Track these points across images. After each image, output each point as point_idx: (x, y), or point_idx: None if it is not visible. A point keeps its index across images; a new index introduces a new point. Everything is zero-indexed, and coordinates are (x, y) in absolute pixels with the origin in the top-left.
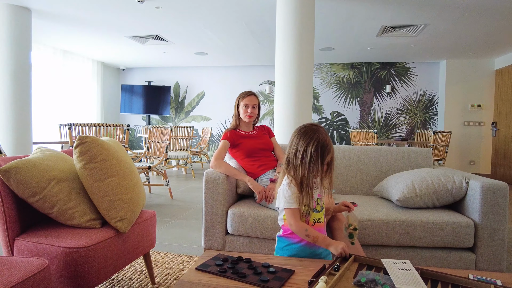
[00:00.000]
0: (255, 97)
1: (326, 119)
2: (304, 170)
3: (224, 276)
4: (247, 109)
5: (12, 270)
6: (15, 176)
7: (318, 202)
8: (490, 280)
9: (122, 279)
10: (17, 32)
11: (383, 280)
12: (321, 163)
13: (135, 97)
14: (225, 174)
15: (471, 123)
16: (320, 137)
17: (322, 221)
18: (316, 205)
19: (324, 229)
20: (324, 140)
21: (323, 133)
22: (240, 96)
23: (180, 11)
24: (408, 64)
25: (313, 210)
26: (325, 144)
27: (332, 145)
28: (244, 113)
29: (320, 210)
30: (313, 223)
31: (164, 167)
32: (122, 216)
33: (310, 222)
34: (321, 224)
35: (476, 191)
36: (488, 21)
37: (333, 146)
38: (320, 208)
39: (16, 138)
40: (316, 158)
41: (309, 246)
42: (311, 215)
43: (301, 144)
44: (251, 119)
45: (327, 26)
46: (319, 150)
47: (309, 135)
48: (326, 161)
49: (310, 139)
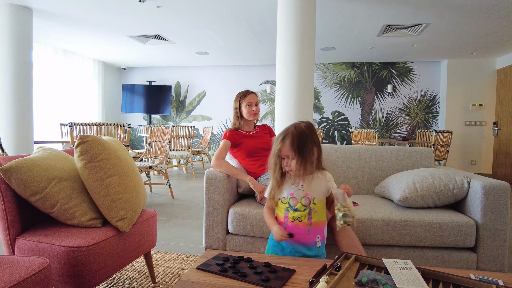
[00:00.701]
0: (255, 95)
1: (327, 119)
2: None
3: (225, 276)
4: (251, 107)
5: (13, 269)
6: (16, 175)
7: (301, 201)
8: (492, 280)
9: (123, 278)
10: (18, 32)
11: (384, 280)
12: (272, 151)
13: (136, 96)
14: (226, 174)
15: (472, 123)
16: (289, 127)
17: (303, 220)
18: (297, 203)
19: (306, 229)
20: (285, 130)
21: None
22: (240, 95)
23: (181, 10)
24: (409, 63)
25: (293, 208)
26: (282, 133)
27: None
28: (248, 112)
29: (303, 210)
30: (292, 220)
31: (165, 167)
32: (123, 216)
33: (289, 220)
34: (301, 224)
35: (478, 191)
36: (489, 21)
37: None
38: (302, 207)
39: (18, 137)
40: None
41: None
42: (290, 213)
43: None
44: (255, 116)
45: (328, 25)
46: (276, 139)
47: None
48: (274, 150)
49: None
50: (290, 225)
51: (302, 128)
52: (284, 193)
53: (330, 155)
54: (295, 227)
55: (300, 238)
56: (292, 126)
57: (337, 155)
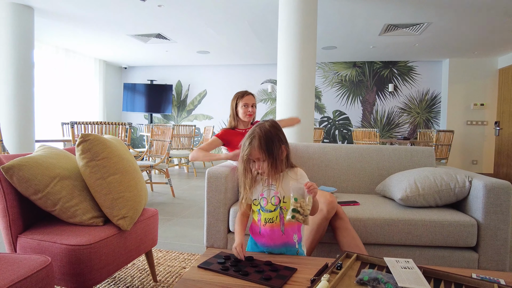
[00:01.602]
0: (252, 96)
1: (328, 118)
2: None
3: (226, 274)
4: (247, 108)
5: (15, 267)
6: (18, 173)
7: (271, 200)
8: (494, 279)
9: (124, 276)
10: (20, 31)
11: (385, 279)
12: (241, 157)
13: (137, 95)
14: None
15: (474, 122)
16: (253, 130)
17: (275, 221)
18: (267, 203)
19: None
20: (250, 134)
21: (259, 128)
22: (237, 96)
23: (182, 9)
24: (410, 63)
25: (264, 209)
26: (249, 137)
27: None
28: (244, 113)
29: (273, 210)
30: (265, 223)
31: (166, 166)
32: (124, 214)
33: (261, 223)
34: (273, 225)
35: (479, 190)
36: (491, 20)
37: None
38: (273, 207)
39: (19, 136)
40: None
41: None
42: (262, 215)
43: None
44: (251, 117)
45: (330, 24)
46: (243, 143)
47: (251, 129)
48: (242, 156)
49: (248, 132)
50: (264, 229)
51: (267, 128)
52: (254, 195)
53: (331, 154)
54: (269, 230)
55: (275, 240)
56: (257, 128)
57: (338, 154)
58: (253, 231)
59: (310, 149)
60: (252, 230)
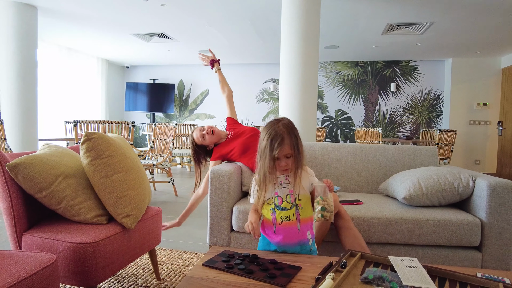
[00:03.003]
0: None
1: (331, 118)
2: (260, 165)
3: (231, 272)
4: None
5: (20, 265)
6: (23, 171)
7: (286, 198)
8: (499, 278)
9: (127, 275)
10: (23, 30)
11: (390, 277)
12: (270, 156)
13: (140, 94)
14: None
15: (476, 122)
16: (272, 131)
17: (292, 219)
18: (282, 202)
19: (296, 227)
20: (275, 133)
21: (279, 126)
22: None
23: (185, 8)
24: (413, 62)
25: (279, 207)
26: (275, 136)
27: (286, 137)
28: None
29: (289, 208)
30: (281, 221)
31: (168, 165)
32: (129, 212)
33: (277, 221)
34: (290, 223)
35: (483, 189)
36: (495, 19)
37: (288, 139)
38: (289, 205)
39: (22, 135)
40: (266, 152)
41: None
42: (277, 213)
43: (261, 138)
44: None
45: (332, 24)
46: (269, 143)
47: (266, 129)
48: (275, 154)
49: (265, 132)
50: (279, 227)
51: (289, 123)
52: (267, 194)
53: (334, 153)
54: (284, 229)
55: (291, 238)
56: (280, 125)
57: (341, 153)
58: (266, 231)
59: (313, 148)
60: (265, 229)
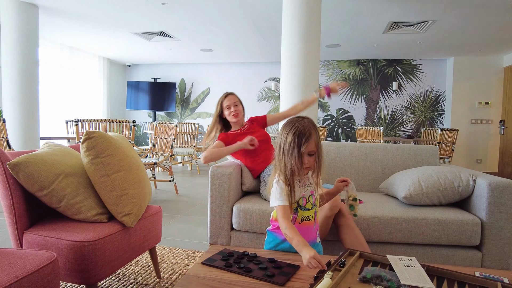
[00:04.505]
0: (233, 95)
1: (332, 116)
2: (286, 163)
3: (229, 271)
4: (230, 109)
5: (21, 263)
6: (24, 170)
7: (309, 199)
8: (497, 278)
9: (128, 273)
10: (24, 29)
11: (388, 276)
12: (297, 152)
13: (141, 93)
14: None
15: (478, 121)
16: (299, 126)
17: (311, 219)
18: (306, 203)
19: (312, 227)
20: (303, 128)
21: (305, 122)
22: (219, 101)
23: (186, 7)
24: (415, 61)
25: (303, 208)
26: (303, 132)
27: (313, 134)
28: (229, 114)
29: (311, 208)
30: (301, 221)
31: (169, 163)
32: (129, 211)
33: (297, 220)
34: (309, 223)
35: (483, 189)
36: (497, 17)
37: (315, 136)
38: (311, 206)
39: (24, 133)
40: (293, 148)
41: None
42: (299, 213)
43: (283, 135)
44: (237, 117)
45: (334, 22)
46: (296, 139)
47: (289, 125)
48: (302, 150)
49: (289, 128)
50: (298, 226)
51: (312, 121)
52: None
53: (335, 152)
54: (302, 228)
55: (308, 237)
56: (305, 122)
57: (342, 152)
58: None
59: None
60: None
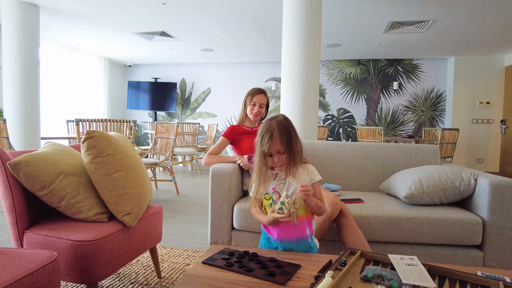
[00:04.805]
0: (264, 96)
1: (333, 116)
2: (255, 159)
3: (230, 270)
4: (254, 107)
5: (22, 262)
6: (24, 169)
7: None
8: (499, 277)
9: (128, 273)
10: (25, 29)
11: (390, 276)
12: (260, 151)
13: (142, 93)
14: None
15: (479, 121)
16: (265, 125)
17: None
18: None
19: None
20: (267, 128)
21: (273, 122)
22: (250, 92)
23: (187, 7)
24: (415, 60)
25: (275, 202)
26: (267, 132)
27: (276, 133)
28: (251, 111)
29: (271, 203)
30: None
31: (170, 163)
32: (129, 210)
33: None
34: None
35: (485, 188)
36: (498, 17)
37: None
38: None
39: (25, 133)
40: (258, 147)
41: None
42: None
43: None
44: (256, 118)
45: (334, 22)
46: (260, 139)
47: (262, 124)
48: (265, 150)
49: (260, 127)
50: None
51: (282, 120)
52: (264, 189)
53: (335, 151)
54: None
55: (289, 234)
56: (272, 121)
57: (343, 151)
58: (266, 226)
59: (314, 147)
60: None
